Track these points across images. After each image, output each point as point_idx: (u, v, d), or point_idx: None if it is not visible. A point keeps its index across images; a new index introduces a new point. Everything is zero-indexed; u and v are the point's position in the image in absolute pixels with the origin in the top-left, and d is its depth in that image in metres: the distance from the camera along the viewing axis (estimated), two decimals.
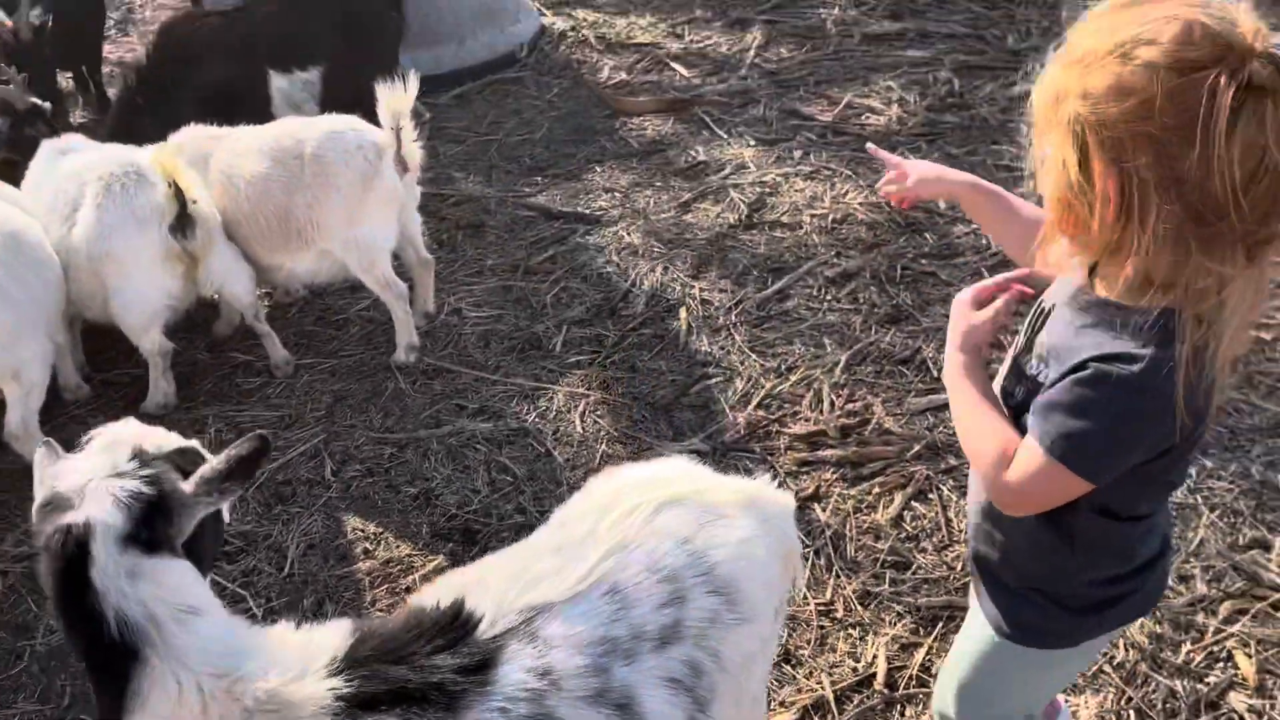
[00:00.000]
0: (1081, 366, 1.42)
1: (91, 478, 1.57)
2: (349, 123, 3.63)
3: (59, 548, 1.48)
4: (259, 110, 4.27)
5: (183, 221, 3.45)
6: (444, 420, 3.47)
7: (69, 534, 1.48)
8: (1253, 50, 1.24)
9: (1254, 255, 1.33)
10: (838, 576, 2.83)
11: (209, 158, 3.61)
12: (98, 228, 3.42)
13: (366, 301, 4.07)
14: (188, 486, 1.60)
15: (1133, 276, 1.38)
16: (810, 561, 2.87)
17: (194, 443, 1.85)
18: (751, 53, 5.82)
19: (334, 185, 3.50)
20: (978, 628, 1.83)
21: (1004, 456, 1.52)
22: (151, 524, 1.53)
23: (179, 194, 3.42)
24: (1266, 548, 2.82)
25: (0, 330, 3.15)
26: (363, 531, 3.10)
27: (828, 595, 2.78)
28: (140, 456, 1.63)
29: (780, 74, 5.50)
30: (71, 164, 3.61)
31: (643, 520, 1.76)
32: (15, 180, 3.73)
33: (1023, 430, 1.52)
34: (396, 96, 3.46)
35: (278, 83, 4.57)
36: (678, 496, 1.81)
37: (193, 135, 3.71)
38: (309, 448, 3.42)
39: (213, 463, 1.63)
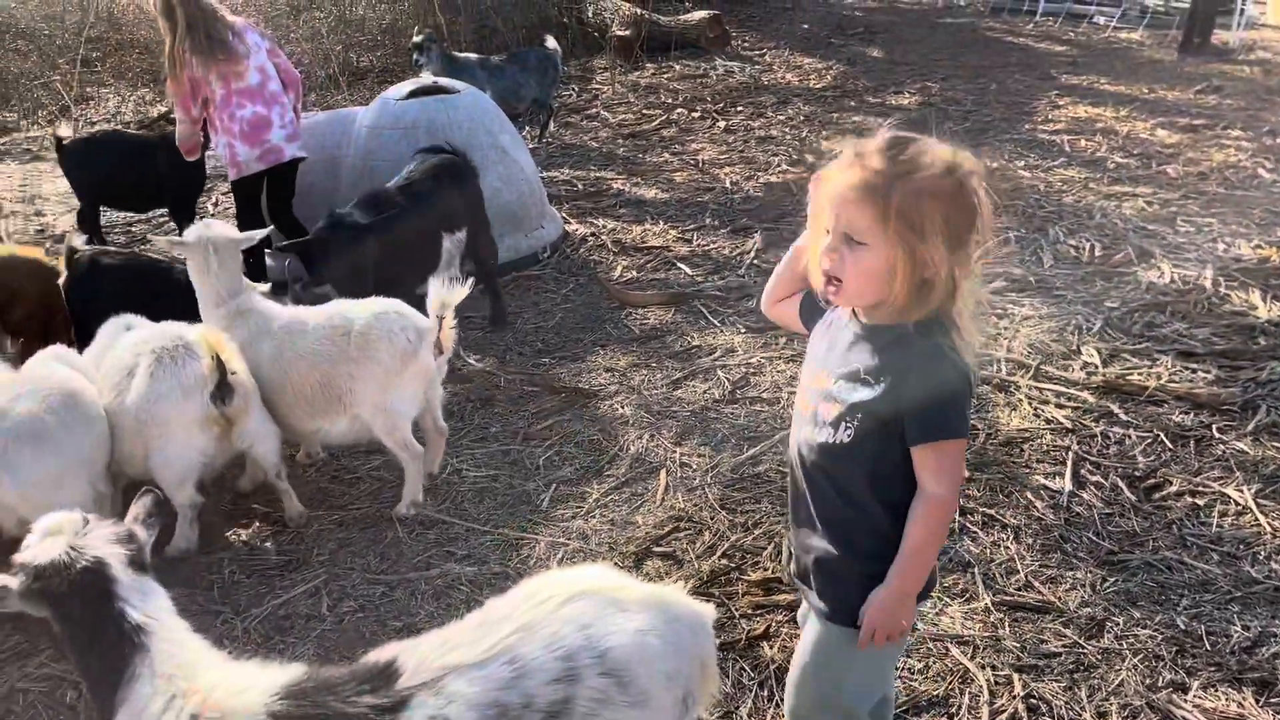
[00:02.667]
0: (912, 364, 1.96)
1: (69, 541, 1.99)
2: (395, 306, 4.10)
3: (85, 578, 1.91)
4: (434, 262, 5.33)
5: (222, 390, 3.88)
6: (433, 564, 3.79)
7: (93, 566, 1.89)
8: None
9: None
10: (777, 706, 3.04)
11: (269, 333, 4.09)
12: (148, 394, 3.87)
13: (378, 461, 4.47)
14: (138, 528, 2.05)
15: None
16: (754, 693, 3.09)
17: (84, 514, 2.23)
18: (751, 254, 6.39)
19: (375, 359, 3.96)
20: (816, 633, 2.21)
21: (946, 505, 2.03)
22: (140, 553, 1.93)
23: (220, 365, 3.88)
24: (1184, 689, 2.99)
25: (47, 471, 3.57)
26: (349, 659, 3.37)
27: None
28: (83, 521, 2.10)
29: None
30: (131, 339, 4.13)
31: (553, 607, 2.06)
32: None
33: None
34: (447, 292, 3.94)
35: (445, 242, 5.42)
36: (588, 591, 2.12)
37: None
38: (309, 587, 3.74)
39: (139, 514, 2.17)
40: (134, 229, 7.52)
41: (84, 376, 3.98)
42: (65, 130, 6.94)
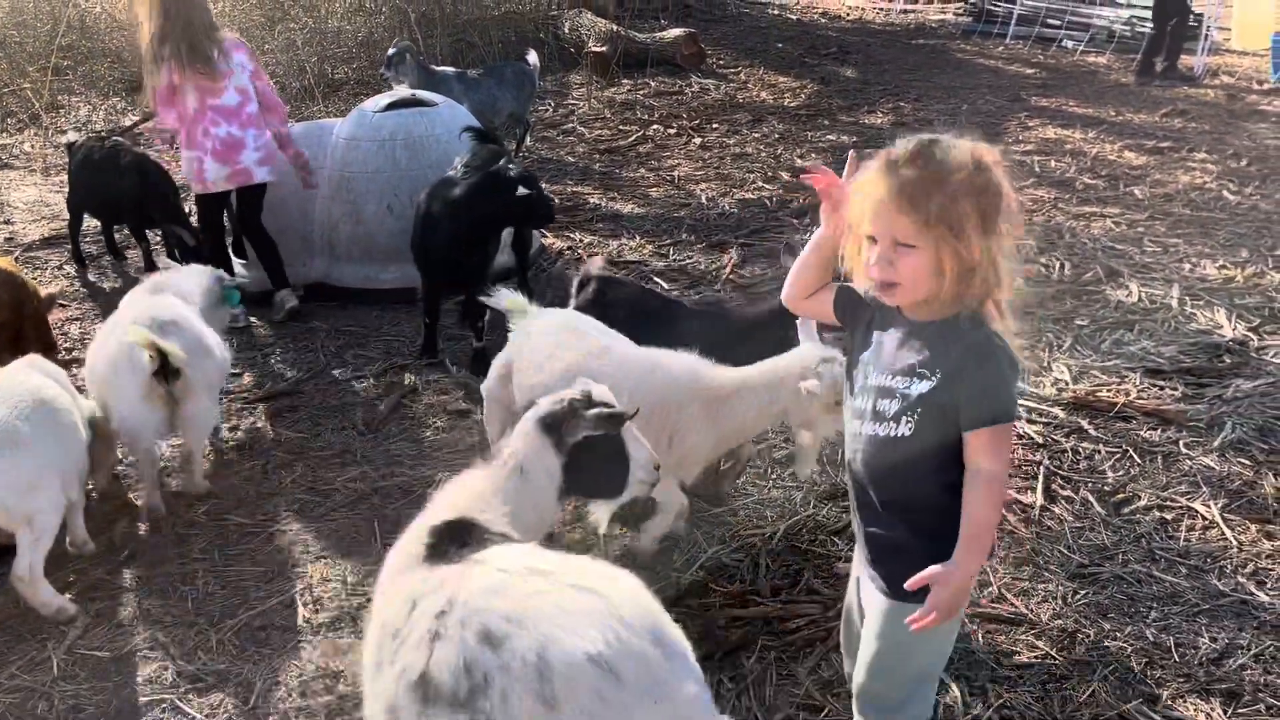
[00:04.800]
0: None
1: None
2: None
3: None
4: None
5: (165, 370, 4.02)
6: None
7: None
8: None
9: None
10: (756, 717, 3.06)
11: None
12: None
13: (354, 473, 4.47)
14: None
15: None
16: (733, 704, 3.10)
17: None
18: (727, 270, 6.44)
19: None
20: (886, 613, 2.30)
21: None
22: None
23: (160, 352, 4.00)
24: (1154, 701, 3.04)
25: (20, 477, 3.54)
26: (325, 670, 3.36)
27: None
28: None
29: (750, 288, 6.07)
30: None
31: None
32: None
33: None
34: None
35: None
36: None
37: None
38: (285, 598, 3.72)
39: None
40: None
41: (58, 384, 3.97)
42: (73, 136, 6.94)
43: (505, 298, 4.04)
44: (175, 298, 4.55)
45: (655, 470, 2.86)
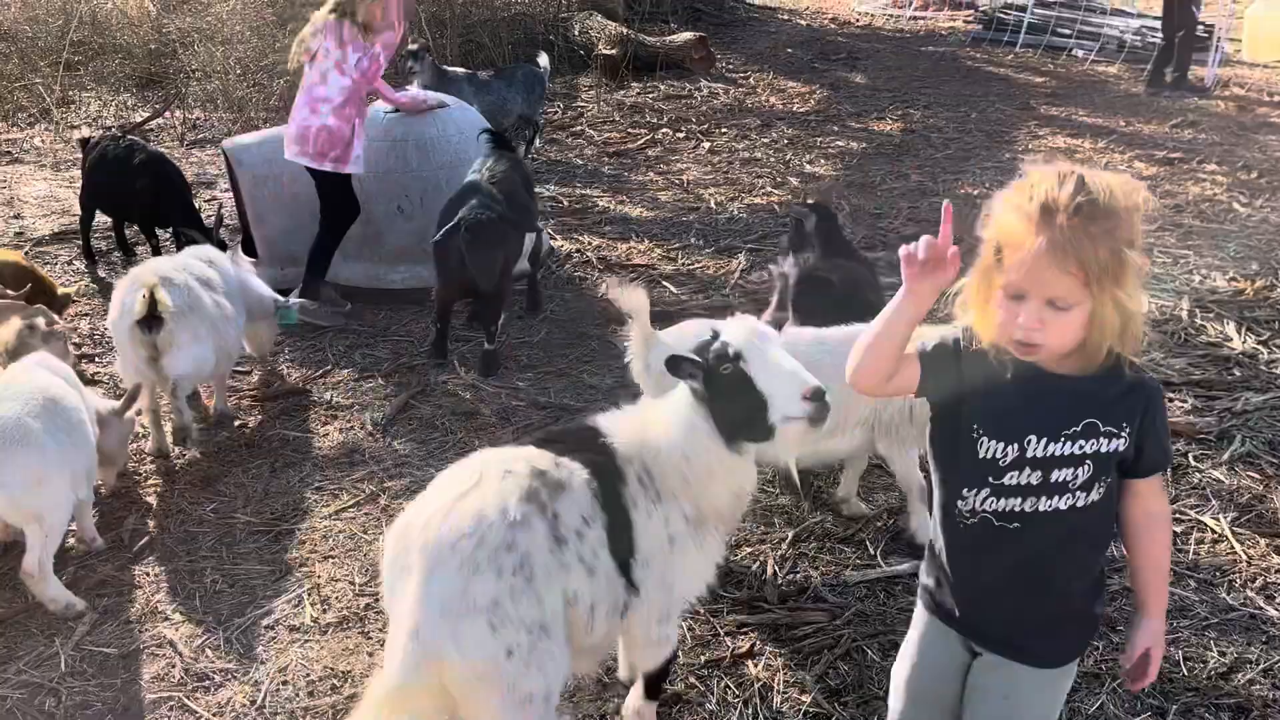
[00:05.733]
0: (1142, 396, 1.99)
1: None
2: None
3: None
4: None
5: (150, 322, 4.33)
6: None
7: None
8: None
9: None
10: None
11: None
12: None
13: (360, 474, 4.47)
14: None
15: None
16: (739, 710, 3.10)
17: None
18: (736, 275, 6.44)
19: None
20: (1029, 683, 2.12)
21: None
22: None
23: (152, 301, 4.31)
24: (1162, 714, 3.04)
25: (30, 474, 3.55)
26: (332, 670, 3.36)
27: None
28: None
29: (759, 294, 6.07)
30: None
31: None
32: None
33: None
34: None
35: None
36: None
37: None
38: (292, 597, 3.72)
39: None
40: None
41: (67, 382, 3.98)
42: (87, 132, 6.98)
43: None
44: (201, 262, 4.87)
45: (813, 402, 2.47)
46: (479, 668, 2.34)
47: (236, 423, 4.94)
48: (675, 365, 2.60)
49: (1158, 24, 11.78)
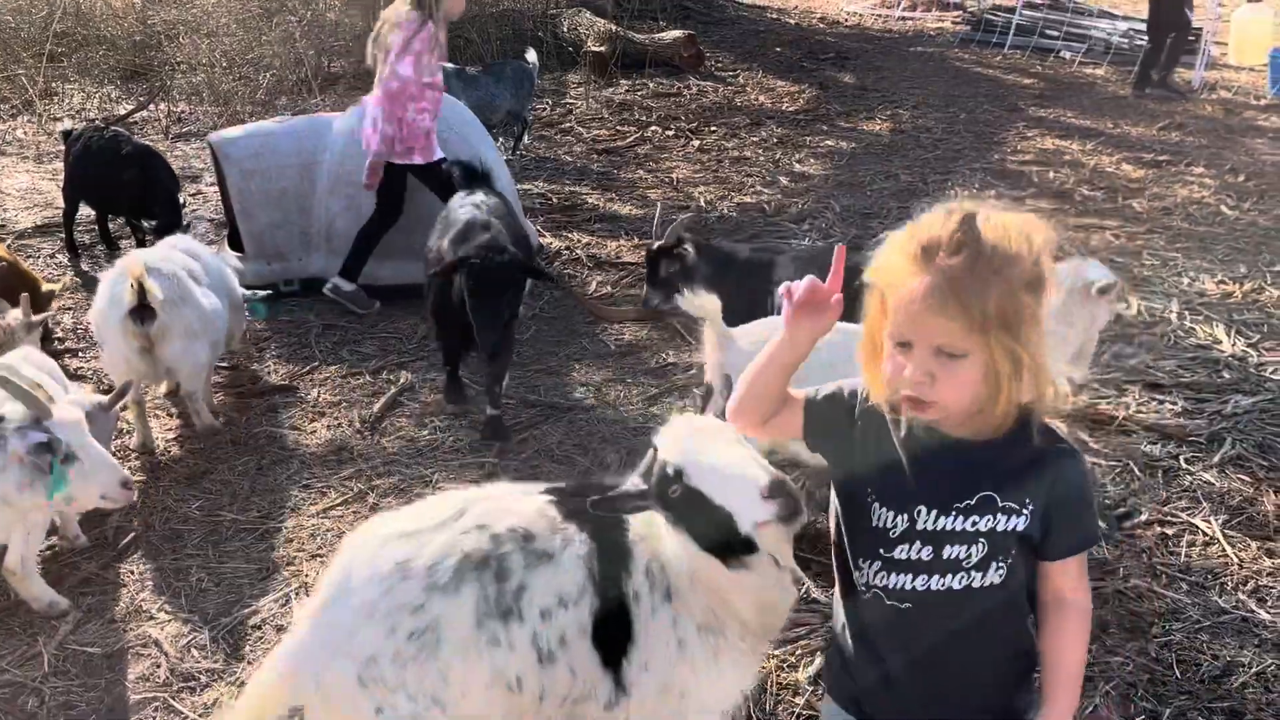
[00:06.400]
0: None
1: None
2: None
3: None
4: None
5: (141, 312, 4.29)
6: None
7: None
8: None
9: None
10: None
11: None
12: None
13: (349, 471, 4.42)
14: None
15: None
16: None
17: None
18: None
19: None
20: None
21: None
22: None
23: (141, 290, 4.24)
24: (1155, 718, 3.03)
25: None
26: None
27: None
28: None
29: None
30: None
31: None
32: None
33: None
34: None
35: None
36: None
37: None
38: (279, 595, 3.68)
39: None
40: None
41: (50, 378, 3.92)
42: (69, 125, 6.91)
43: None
44: (182, 253, 4.81)
45: (776, 499, 2.12)
46: (335, 712, 2.24)
47: (221, 419, 4.88)
48: (622, 503, 2.22)
49: (1144, 26, 11.82)
